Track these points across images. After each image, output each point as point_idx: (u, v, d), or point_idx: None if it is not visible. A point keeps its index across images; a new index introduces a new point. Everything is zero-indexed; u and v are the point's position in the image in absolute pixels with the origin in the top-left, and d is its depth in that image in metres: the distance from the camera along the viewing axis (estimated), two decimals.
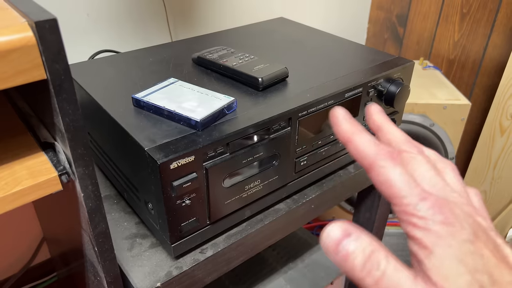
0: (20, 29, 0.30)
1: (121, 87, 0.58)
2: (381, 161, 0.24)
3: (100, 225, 0.40)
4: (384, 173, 0.24)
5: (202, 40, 0.76)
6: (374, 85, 0.62)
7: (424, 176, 0.25)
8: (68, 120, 0.34)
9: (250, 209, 0.56)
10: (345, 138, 0.26)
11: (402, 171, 0.24)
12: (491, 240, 0.23)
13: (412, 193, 0.23)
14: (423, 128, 1.14)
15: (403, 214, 0.23)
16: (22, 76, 0.31)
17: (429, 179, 0.24)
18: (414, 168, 0.25)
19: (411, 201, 0.23)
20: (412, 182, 0.23)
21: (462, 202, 0.24)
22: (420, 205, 0.22)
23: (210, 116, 0.48)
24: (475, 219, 0.23)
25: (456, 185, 0.26)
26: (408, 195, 0.23)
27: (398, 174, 0.24)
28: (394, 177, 0.24)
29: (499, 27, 1.24)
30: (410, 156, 0.25)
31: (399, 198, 0.23)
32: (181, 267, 0.50)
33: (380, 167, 0.24)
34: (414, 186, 0.23)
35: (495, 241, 0.23)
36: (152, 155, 0.43)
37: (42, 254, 1.04)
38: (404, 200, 0.23)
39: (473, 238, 0.22)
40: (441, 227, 0.22)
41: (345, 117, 0.26)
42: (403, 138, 0.27)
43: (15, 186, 0.36)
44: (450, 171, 0.27)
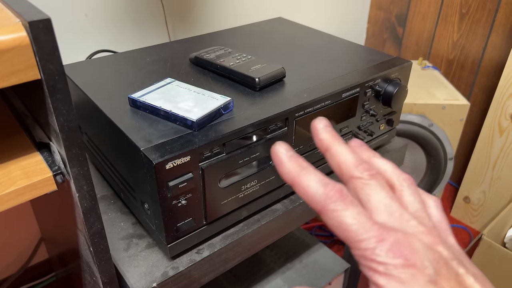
0: (14, 29, 0.30)
1: (118, 87, 0.58)
2: (331, 204, 0.23)
3: (95, 225, 0.40)
4: (336, 217, 0.22)
5: (199, 40, 0.76)
6: (371, 85, 0.62)
7: (378, 206, 0.24)
8: (62, 120, 0.34)
9: (247, 209, 0.55)
10: (291, 180, 0.24)
11: (354, 212, 0.22)
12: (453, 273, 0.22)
13: (368, 236, 0.22)
14: (422, 128, 1.14)
15: (363, 259, 0.22)
16: (16, 76, 0.31)
17: (384, 208, 0.23)
18: (368, 196, 0.24)
19: (369, 245, 0.22)
20: (366, 222, 0.22)
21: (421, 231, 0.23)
22: (378, 249, 0.21)
23: (206, 116, 0.48)
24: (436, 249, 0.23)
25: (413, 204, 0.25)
26: (365, 239, 0.22)
27: (350, 217, 0.22)
28: (347, 220, 0.22)
29: (498, 28, 1.23)
30: (362, 183, 0.24)
31: (356, 242, 0.22)
32: (178, 268, 0.50)
33: (331, 211, 0.22)
34: (370, 227, 0.22)
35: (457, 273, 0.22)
36: (147, 155, 0.43)
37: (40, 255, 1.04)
38: (361, 244, 0.22)
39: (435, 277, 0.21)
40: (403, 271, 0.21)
41: (288, 155, 0.24)
42: (353, 161, 0.25)
43: (10, 186, 0.36)
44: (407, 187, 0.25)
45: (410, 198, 0.25)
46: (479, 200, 1.32)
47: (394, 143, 0.76)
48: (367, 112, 0.64)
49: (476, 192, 1.32)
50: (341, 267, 0.82)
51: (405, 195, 0.25)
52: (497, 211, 1.29)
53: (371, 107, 0.64)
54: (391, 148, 0.75)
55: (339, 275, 0.83)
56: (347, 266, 0.82)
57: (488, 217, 1.33)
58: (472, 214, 1.36)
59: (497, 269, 1.06)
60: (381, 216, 0.23)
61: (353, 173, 0.24)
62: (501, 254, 1.04)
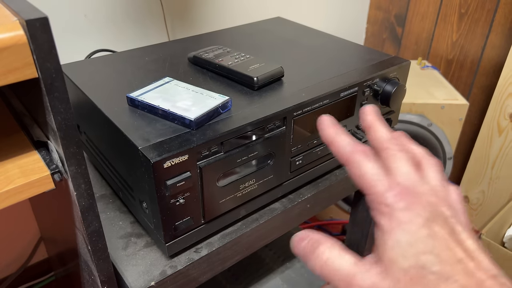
0: (11, 28, 0.30)
1: (117, 86, 0.58)
2: (355, 156, 0.27)
3: (93, 224, 0.40)
4: (357, 166, 0.27)
5: (198, 39, 0.76)
6: (369, 84, 0.62)
7: (399, 170, 0.27)
8: (60, 119, 0.34)
9: (245, 208, 0.56)
10: (329, 140, 0.29)
11: (374, 165, 0.27)
12: (449, 226, 0.25)
13: (381, 183, 0.26)
14: (421, 128, 1.14)
15: (373, 203, 0.26)
16: (13, 74, 0.31)
17: (403, 173, 0.27)
18: (392, 164, 0.27)
19: (380, 189, 0.25)
20: (382, 174, 0.26)
21: (430, 193, 0.26)
22: (387, 193, 0.25)
23: (204, 115, 0.48)
24: (439, 208, 0.25)
25: (434, 180, 0.28)
26: (378, 185, 0.26)
27: (370, 167, 0.27)
28: (366, 169, 0.27)
29: (497, 27, 1.24)
30: (391, 154, 0.28)
31: (370, 187, 0.26)
32: (176, 266, 0.50)
33: (355, 161, 0.27)
34: (384, 177, 0.26)
35: (454, 228, 0.25)
36: (145, 154, 0.43)
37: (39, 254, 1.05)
38: (374, 189, 0.26)
39: (430, 223, 0.24)
40: (402, 213, 0.24)
41: (330, 123, 0.30)
42: (388, 136, 0.29)
43: (8, 184, 0.36)
44: (433, 167, 0.29)
45: (433, 175, 0.28)
46: (478, 200, 1.33)
47: None
48: None
49: (475, 191, 1.32)
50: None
51: (429, 172, 0.28)
52: (496, 211, 1.29)
53: None
54: None
55: None
56: None
57: (487, 216, 1.33)
58: (471, 213, 1.37)
59: None
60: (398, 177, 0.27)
61: (385, 144, 0.29)
62: (500, 254, 1.04)
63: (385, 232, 0.25)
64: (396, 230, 0.24)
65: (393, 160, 0.27)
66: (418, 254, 0.23)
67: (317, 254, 0.27)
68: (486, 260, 0.24)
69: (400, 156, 0.27)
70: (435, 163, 0.29)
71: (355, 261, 0.26)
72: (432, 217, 0.24)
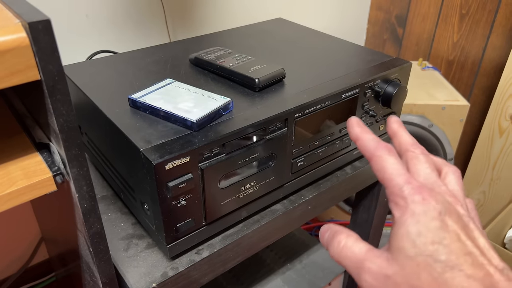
0: (14, 30, 0.30)
1: (118, 87, 0.58)
2: (379, 151, 0.29)
3: (95, 225, 0.40)
4: (380, 161, 0.29)
5: (199, 40, 0.76)
6: (371, 86, 0.62)
7: (420, 171, 0.29)
8: (62, 121, 0.34)
9: (246, 209, 0.56)
10: (355, 137, 0.32)
11: (395, 160, 0.28)
12: (463, 222, 0.25)
13: (400, 177, 0.27)
14: (421, 129, 1.14)
15: (391, 195, 0.27)
16: (16, 77, 0.31)
17: (424, 174, 0.28)
18: (414, 165, 0.29)
19: (398, 182, 0.27)
20: (402, 169, 0.28)
21: (447, 193, 0.27)
22: (404, 187, 0.26)
23: (206, 116, 0.48)
24: (454, 206, 0.26)
25: (453, 185, 0.29)
26: (396, 178, 0.27)
27: (391, 162, 0.28)
28: (387, 164, 0.28)
29: (498, 28, 1.24)
30: (413, 155, 0.30)
31: (389, 180, 0.27)
32: (177, 268, 0.50)
33: (377, 156, 0.29)
34: (404, 172, 0.27)
35: (467, 225, 0.26)
36: (147, 155, 0.43)
37: (40, 255, 1.05)
38: (392, 182, 0.27)
39: (443, 216, 0.25)
40: (417, 206, 0.25)
41: (358, 123, 0.33)
42: (411, 141, 0.32)
43: (10, 186, 0.36)
44: (452, 174, 0.30)
45: (452, 181, 0.30)
46: (479, 201, 1.32)
47: None
48: (366, 113, 0.64)
49: (476, 192, 1.32)
50: (340, 268, 0.82)
51: (449, 177, 0.30)
52: (497, 212, 1.29)
53: (371, 108, 0.64)
54: None
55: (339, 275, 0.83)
56: None
57: (488, 217, 1.33)
58: None
59: None
60: (419, 179, 0.28)
61: (409, 147, 0.31)
62: (501, 255, 1.04)
63: (397, 223, 0.26)
64: (408, 221, 0.25)
65: (416, 162, 0.29)
66: (426, 244, 0.24)
67: (335, 241, 0.29)
68: (496, 257, 0.25)
69: (422, 159, 0.29)
70: (455, 171, 0.30)
71: (368, 248, 0.28)
72: (446, 212, 0.25)
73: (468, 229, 0.25)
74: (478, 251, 0.24)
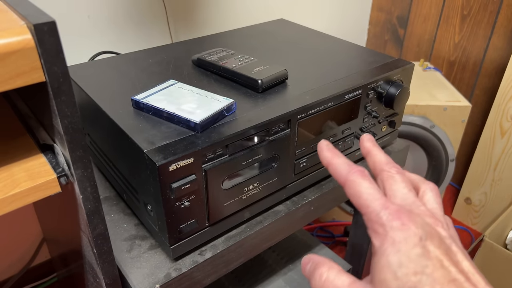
0: (19, 32, 0.30)
1: (121, 88, 0.58)
2: (352, 176, 0.28)
3: (99, 227, 0.41)
4: (353, 186, 0.27)
5: (202, 41, 0.76)
6: (373, 87, 0.62)
7: (395, 194, 0.28)
8: (66, 122, 0.34)
9: (249, 211, 0.56)
10: (326, 162, 0.30)
11: (370, 184, 0.27)
12: (445, 245, 0.24)
13: (376, 202, 0.26)
14: (423, 130, 1.14)
15: (368, 222, 0.26)
16: (21, 78, 0.32)
17: (401, 194, 0.28)
18: (390, 185, 0.28)
19: (375, 208, 0.25)
20: (378, 194, 0.26)
21: (426, 214, 0.26)
22: (381, 213, 0.25)
23: (209, 118, 0.48)
24: (435, 228, 0.25)
25: (431, 203, 0.28)
26: (372, 204, 0.26)
27: (365, 186, 0.27)
28: (361, 189, 0.27)
29: (499, 29, 1.24)
30: (389, 175, 0.29)
31: (365, 206, 0.26)
32: (180, 269, 0.50)
33: (351, 181, 0.27)
34: (379, 196, 0.26)
35: (450, 247, 0.25)
36: (151, 157, 0.43)
37: (42, 255, 1.05)
38: (369, 208, 0.26)
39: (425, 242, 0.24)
40: (397, 233, 0.24)
41: (328, 147, 0.31)
42: (386, 160, 0.30)
43: (14, 188, 0.36)
44: (431, 192, 0.29)
45: (431, 199, 0.29)
46: (481, 202, 1.32)
47: (396, 144, 0.76)
48: (369, 114, 0.64)
49: (478, 193, 1.32)
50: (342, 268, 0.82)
51: (427, 195, 0.29)
52: (499, 213, 1.28)
53: (373, 109, 0.64)
54: (393, 149, 0.75)
55: None
56: (349, 267, 0.82)
57: (490, 218, 1.33)
58: (474, 215, 1.36)
59: (499, 271, 1.06)
60: (395, 200, 0.27)
61: (384, 167, 0.30)
62: (503, 256, 1.04)
63: (378, 253, 0.24)
64: (389, 250, 0.24)
65: (392, 182, 0.28)
66: (408, 275, 0.23)
67: (317, 274, 0.28)
68: (482, 281, 0.23)
69: (398, 178, 0.28)
70: (433, 188, 0.29)
71: (351, 281, 0.26)
72: (427, 236, 0.24)
73: (451, 252, 0.24)
74: (463, 277, 0.23)
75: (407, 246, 0.24)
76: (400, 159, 0.77)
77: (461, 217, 1.40)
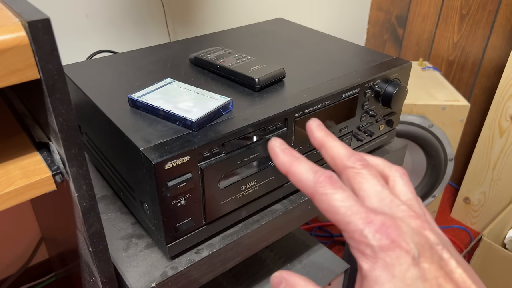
0: (13, 29, 0.30)
1: (118, 87, 0.58)
2: (320, 188, 0.23)
3: (94, 225, 0.40)
4: (325, 200, 0.23)
5: (199, 40, 0.76)
6: (371, 85, 0.62)
7: (369, 193, 0.24)
8: (61, 120, 0.34)
9: (246, 209, 0.55)
10: (285, 170, 0.25)
11: (344, 195, 0.23)
12: (437, 256, 0.23)
13: (356, 218, 0.22)
14: (422, 129, 1.14)
15: (352, 241, 0.23)
16: (15, 75, 0.31)
17: (375, 194, 0.24)
18: (360, 184, 0.24)
19: (357, 226, 0.22)
20: (355, 205, 0.23)
21: (410, 215, 0.24)
22: (366, 230, 0.22)
23: (205, 116, 0.48)
24: (423, 233, 0.23)
25: (405, 194, 0.25)
26: (353, 221, 0.22)
27: (339, 200, 0.23)
28: (335, 203, 0.23)
29: (498, 29, 1.24)
30: (355, 172, 0.25)
31: (345, 224, 0.22)
32: (177, 268, 0.50)
33: (321, 195, 0.23)
34: (358, 209, 0.22)
35: (441, 257, 0.23)
36: (147, 155, 0.43)
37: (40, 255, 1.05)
38: (350, 226, 0.22)
39: (418, 260, 0.22)
40: (388, 254, 0.21)
41: (282, 148, 0.26)
42: (346, 153, 0.26)
43: (9, 185, 0.36)
44: (400, 179, 0.26)
45: (403, 188, 0.26)
46: (479, 201, 1.32)
47: (394, 143, 0.76)
48: (366, 113, 0.64)
49: (476, 193, 1.32)
50: (341, 268, 0.82)
51: (398, 185, 0.26)
52: (497, 212, 1.28)
53: (371, 108, 0.64)
54: (391, 148, 0.75)
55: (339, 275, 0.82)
56: (347, 267, 0.82)
57: (488, 218, 1.32)
58: (472, 215, 1.36)
59: (497, 270, 1.06)
60: (372, 202, 0.24)
61: (346, 163, 0.25)
62: (501, 255, 1.04)
63: (368, 278, 0.22)
64: (382, 276, 0.21)
65: (361, 180, 0.24)
66: None
67: None
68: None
69: (366, 175, 0.25)
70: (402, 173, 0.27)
71: None
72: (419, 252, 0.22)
73: (444, 263, 0.23)
74: None
75: (401, 268, 0.21)
76: (398, 158, 0.77)
77: (460, 216, 1.40)
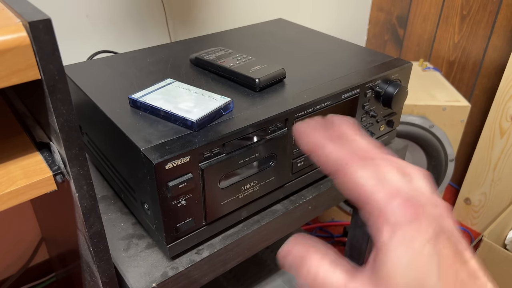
0: (15, 30, 0.30)
1: (119, 87, 0.58)
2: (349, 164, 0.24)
3: (95, 225, 0.40)
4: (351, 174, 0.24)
5: (200, 41, 0.76)
6: (371, 86, 0.62)
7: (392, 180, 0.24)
8: (62, 120, 0.34)
9: (246, 210, 0.55)
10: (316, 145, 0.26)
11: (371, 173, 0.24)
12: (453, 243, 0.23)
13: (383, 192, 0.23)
14: (422, 130, 1.14)
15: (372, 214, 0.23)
16: (17, 76, 0.32)
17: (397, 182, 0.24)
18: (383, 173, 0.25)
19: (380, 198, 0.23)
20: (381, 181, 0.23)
21: (431, 203, 0.24)
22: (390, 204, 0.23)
23: (206, 116, 0.48)
24: (441, 222, 0.24)
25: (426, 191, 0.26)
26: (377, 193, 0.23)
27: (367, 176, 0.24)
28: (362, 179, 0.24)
29: (499, 29, 1.23)
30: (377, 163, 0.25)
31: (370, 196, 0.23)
32: (177, 268, 0.50)
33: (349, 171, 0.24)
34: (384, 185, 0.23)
35: (457, 245, 0.23)
36: (147, 155, 0.43)
37: (40, 255, 1.05)
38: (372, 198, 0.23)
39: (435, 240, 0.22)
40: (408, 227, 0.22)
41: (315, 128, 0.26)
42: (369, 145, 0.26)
43: (10, 185, 0.36)
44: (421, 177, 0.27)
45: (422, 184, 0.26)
46: (480, 202, 1.32)
47: (395, 144, 0.76)
48: (367, 113, 0.64)
49: (477, 193, 1.32)
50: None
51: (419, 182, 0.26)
52: (498, 213, 1.28)
53: (371, 108, 0.64)
54: (392, 149, 0.75)
55: None
56: None
57: (489, 218, 1.32)
58: (473, 215, 1.36)
59: (498, 271, 1.06)
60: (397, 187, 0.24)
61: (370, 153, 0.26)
62: (502, 256, 1.04)
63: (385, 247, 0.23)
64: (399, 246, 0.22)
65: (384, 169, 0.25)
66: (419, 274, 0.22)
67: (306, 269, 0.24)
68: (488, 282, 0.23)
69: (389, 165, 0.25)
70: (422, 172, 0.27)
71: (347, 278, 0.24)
72: (436, 234, 0.23)
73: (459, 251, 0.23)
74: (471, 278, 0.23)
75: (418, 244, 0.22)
76: None
77: (461, 217, 1.40)
